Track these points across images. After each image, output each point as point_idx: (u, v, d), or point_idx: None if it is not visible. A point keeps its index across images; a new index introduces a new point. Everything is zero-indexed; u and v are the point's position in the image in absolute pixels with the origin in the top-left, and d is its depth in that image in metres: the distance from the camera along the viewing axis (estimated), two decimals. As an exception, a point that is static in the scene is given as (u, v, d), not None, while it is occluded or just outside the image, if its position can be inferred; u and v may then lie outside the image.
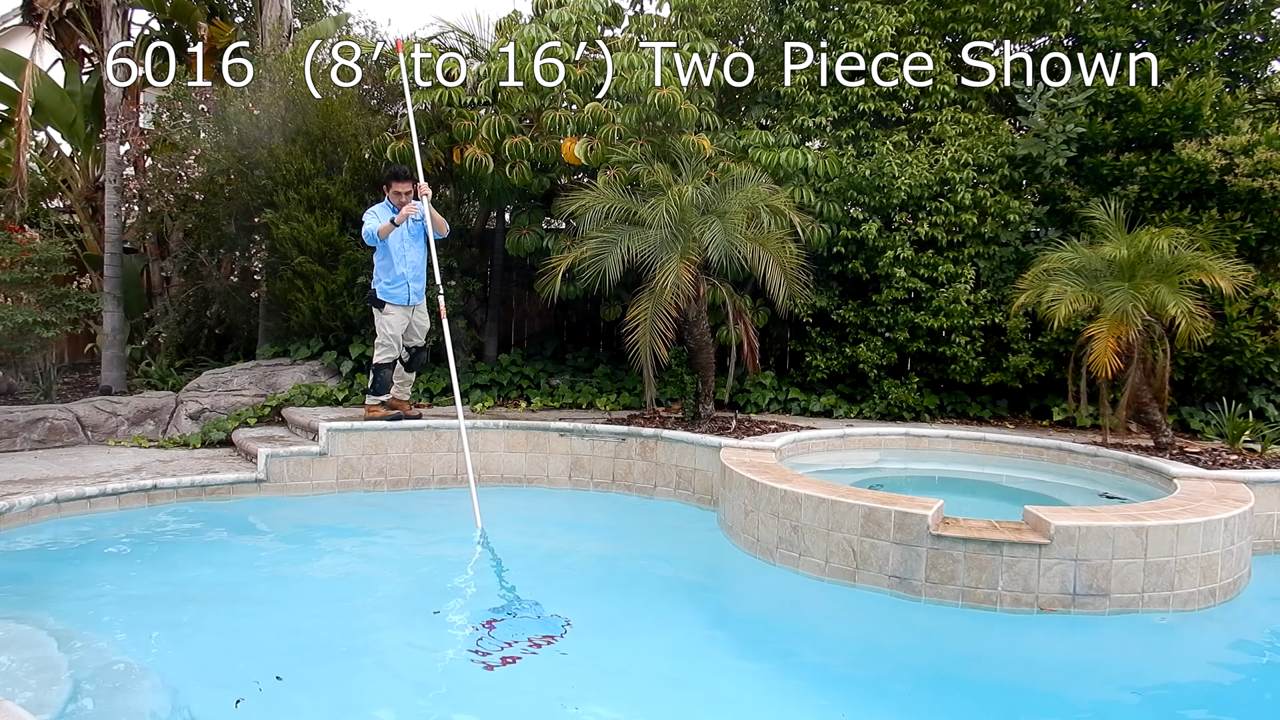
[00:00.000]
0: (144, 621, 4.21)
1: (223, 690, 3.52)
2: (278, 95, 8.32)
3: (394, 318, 6.92)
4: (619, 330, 7.54)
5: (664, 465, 6.76)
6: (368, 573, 5.14)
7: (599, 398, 8.25)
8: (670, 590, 4.99)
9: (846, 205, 7.98)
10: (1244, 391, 7.68)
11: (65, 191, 10.46)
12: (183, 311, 9.67)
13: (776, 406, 8.32)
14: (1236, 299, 7.01)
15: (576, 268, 6.84)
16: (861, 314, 8.19)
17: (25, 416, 7.17)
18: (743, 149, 7.97)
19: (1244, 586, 4.91)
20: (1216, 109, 7.63)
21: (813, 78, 8.28)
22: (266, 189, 8.30)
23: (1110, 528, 4.39)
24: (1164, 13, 7.93)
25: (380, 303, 6.92)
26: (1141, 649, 4.32)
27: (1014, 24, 8.06)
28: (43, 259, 8.15)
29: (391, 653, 4.05)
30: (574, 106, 7.85)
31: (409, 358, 7.14)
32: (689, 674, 3.85)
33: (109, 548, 5.23)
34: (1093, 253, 6.63)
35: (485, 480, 7.03)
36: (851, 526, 4.72)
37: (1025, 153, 7.83)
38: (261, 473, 6.43)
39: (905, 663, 4.15)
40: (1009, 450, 7.02)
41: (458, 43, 9.06)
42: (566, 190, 7.55)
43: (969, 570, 4.45)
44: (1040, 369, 7.88)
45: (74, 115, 9.82)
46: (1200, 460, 6.15)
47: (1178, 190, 7.63)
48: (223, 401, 7.96)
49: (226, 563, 5.14)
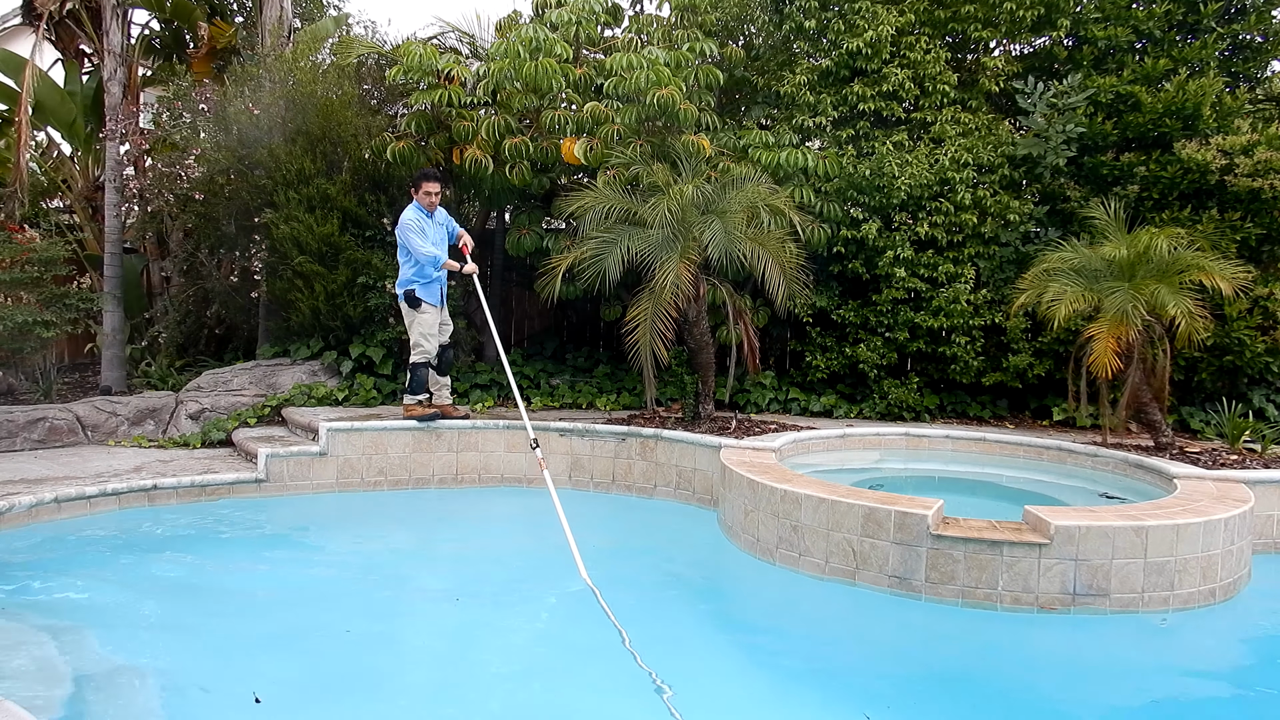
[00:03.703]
0: (144, 621, 4.21)
1: (223, 690, 3.52)
2: (278, 95, 8.32)
3: (430, 317, 6.91)
4: (619, 330, 7.54)
5: (664, 465, 6.76)
6: (368, 572, 5.14)
7: (599, 398, 8.25)
8: (670, 590, 4.99)
9: (846, 205, 7.98)
10: (1244, 391, 7.68)
11: (65, 191, 10.46)
12: (183, 311, 9.67)
13: (776, 406, 8.32)
14: (1236, 299, 7.00)
15: (576, 268, 6.85)
16: (861, 314, 8.19)
17: (25, 416, 7.17)
18: (743, 149, 7.97)
19: (1244, 586, 4.91)
20: (1216, 109, 7.63)
21: (812, 77, 8.28)
22: (266, 189, 8.30)
23: (1110, 528, 4.39)
24: (1164, 13, 7.93)
25: (418, 301, 6.88)
26: (1141, 649, 4.32)
27: (1014, 24, 8.06)
28: (43, 259, 8.15)
29: (393, 652, 4.05)
30: (573, 106, 7.86)
31: (438, 360, 7.07)
32: (688, 673, 3.84)
33: (109, 548, 5.22)
34: (1093, 253, 6.63)
35: (485, 480, 7.05)
36: (851, 526, 4.72)
37: (1025, 153, 7.83)
38: (261, 473, 6.43)
39: (905, 662, 4.15)
40: (1009, 450, 7.02)
41: (458, 43, 9.07)
42: (566, 190, 7.55)
43: (969, 570, 4.45)
44: (1040, 369, 7.88)
45: (74, 115, 9.83)
46: (1200, 460, 6.15)
47: (1178, 190, 7.63)
48: (223, 401, 7.96)
49: (227, 563, 5.14)
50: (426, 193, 6.86)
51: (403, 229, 6.82)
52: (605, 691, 3.66)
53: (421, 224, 6.83)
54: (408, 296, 6.93)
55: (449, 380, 7.28)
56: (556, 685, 3.75)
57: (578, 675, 3.84)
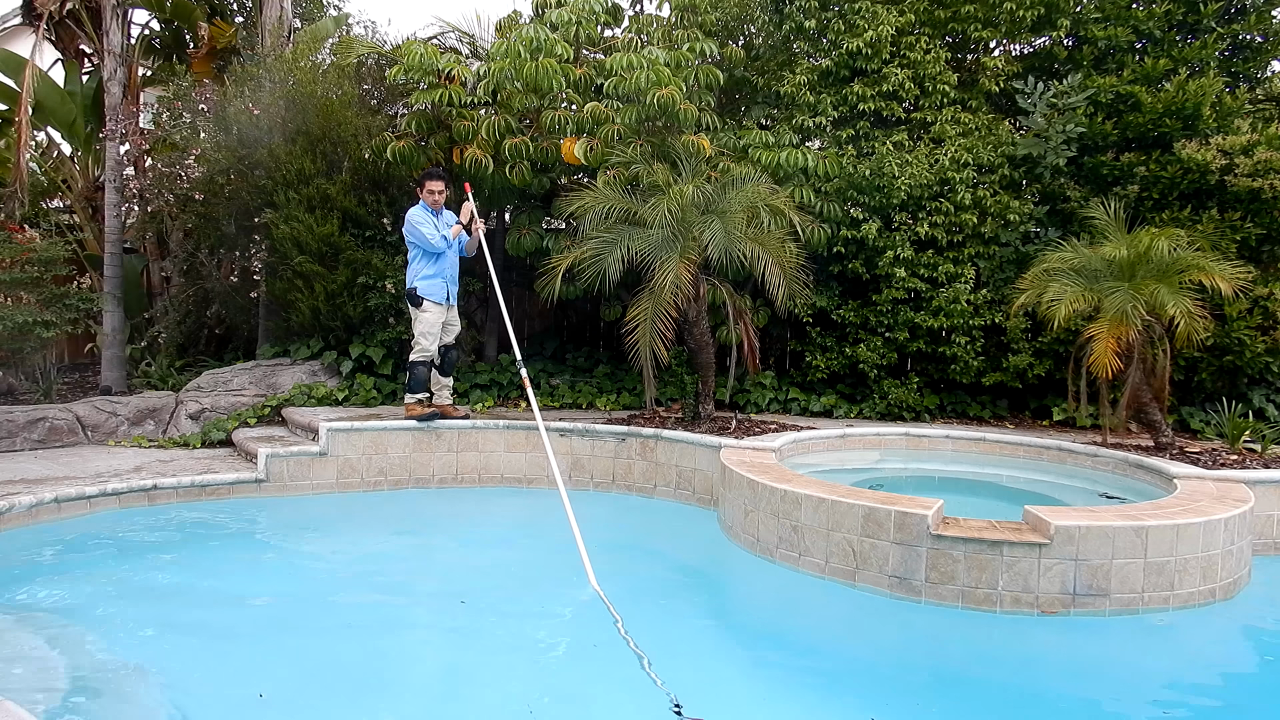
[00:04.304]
0: (144, 621, 4.21)
1: (222, 690, 3.52)
2: (278, 95, 8.32)
3: (432, 315, 6.93)
4: (619, 330, 7.54)
5: (664, 465, 6.76)
6: (368, 572, 5.14)
7: (599, 398, 8.25)
8: (670, 589, 4.99)
9: (846, 205, 7.98)
10: (1244, 391, 7.68)
11: (65, 191, 10.46)
12: (183, 311, 9.67)
13: (776, 406, 8.32)
14: (1236, 299, 7.00)
15: (576, 268, 6.85)
16: (861, 314, 8.19)
17: (25, 416, 7.17)
18: (743, 149, 7.97)
19: (1244, 586, 4.90)
20: (1216, 109, 7.63)
21: (812, 77, 8.28)
22: (266, 189, 8.30)
23: (1110, 528, 4.39)
24: (1164, 13, 7.93)
25: (419, 300, 6.91)
26: (1141, 649, 4.32)
27: (1014, 24, 8.06)
28: (43, 259, 8.15)
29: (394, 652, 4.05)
30: (574, 106, 7.85)
31: (440, 359, 7.10)
32: (687, 672, 3.84)
33: (109, 548, 5.22)
34: (1093, 253, 6.63)
35: (485, 480, 7.05)
36: (851, 526, 4.72)
37: (1025, 153, 7.83)
38: (261, 473, 6.43)
39: (905, 663, 4.14)
40: (1009, 450, 7.02)
41: (458, 43, 9.07)
42: (566, 190, 7.55)
43: (969, 570, 4.45)
44: (1040, 369, 7.88)
45: (74, 115, 9.83)
46: (1200, 460, 6.15)
47: (1178, 190, 7.63)
48: (223, 401, 7.96)
49: (226, 563, 5.14)
50: (430, 192, 6.91)
51: (409, 224, 6.86)
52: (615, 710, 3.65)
53: (428, 218, 6.88)
54: (410, 295, 6.97)
55: (451, 380, 7.28)
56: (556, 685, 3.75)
57: (582, 672, 3.83)
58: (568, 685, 3.74)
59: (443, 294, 6.98)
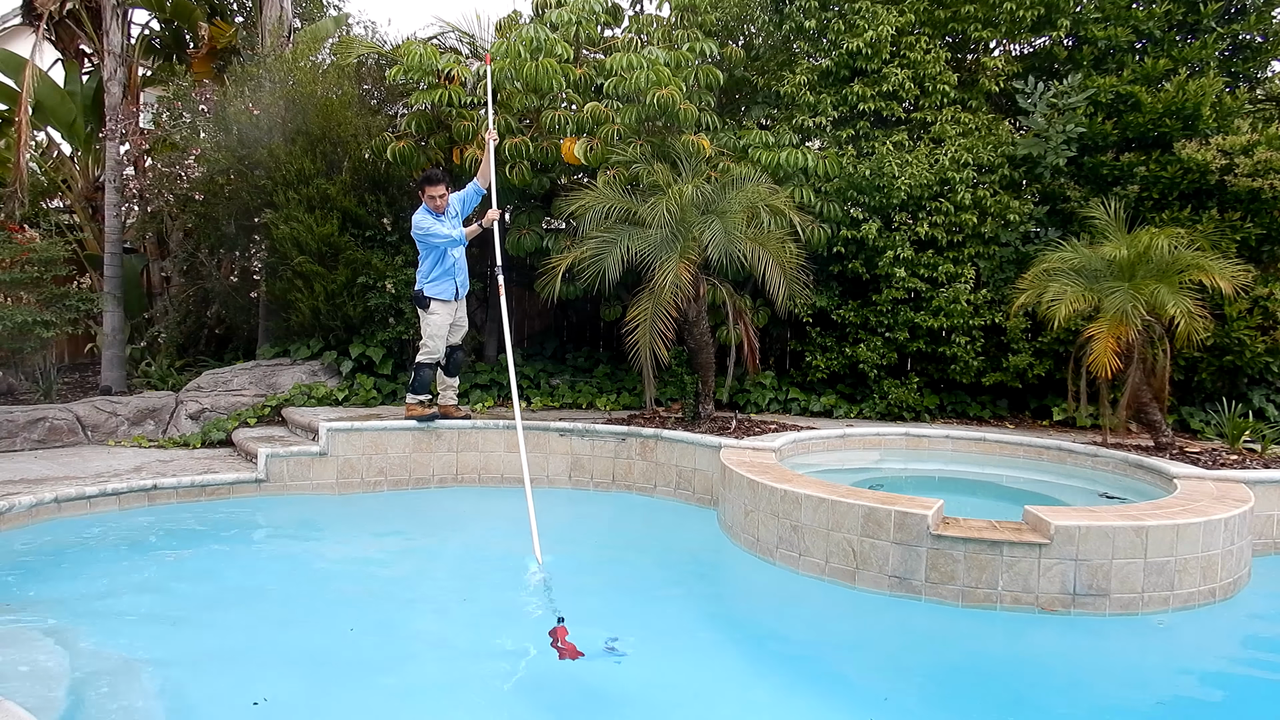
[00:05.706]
0: (144, 621, 4.21)
1: (223, 690, 3.52)
2: (278, 95, 8.32)
3: (439, 316, 6.89)
4: (619, 330, 7.54)
5: (664, 465, 6.76)
6: (368, 572, 5.14)
7: (599, 398, 8.25)
8: (670, 589, 4.99)
9: (846, 205, 7.98)
10: (1244, 391, 7.68)
11: (65, 191, 10.46)
12: (183, 311, 9.68)
13: (776, 406, 8.32)
14: (1236, 299, 7.01)
15: (576, 268, 6.84)
16: (861, 314, 8.19)
17: (25, 416, 7.17)
18: (743, 149, 7.97)
19: (1244, 586, 4.91)
20: (1216, 109, 7.63)
21: (812, 77, 8.28)
22: (266, 189, 8.30)
23: (1110, 528, 4.39)
24: (1164, 13, 7.93)
25: (426, 302, 6.87)
26: (1141, 649, 4.32)
27: (1014, 24, 8.06)
28: (43, 259, 8.15)
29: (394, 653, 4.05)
30: (574, 106, 7.86)
31: (446, 360, 7.06)
32: (686, 672, 3.85)
33: (109, 548, 5.22)
34: (1093, 253, 6.63)
35: (486, 480, 7.05)
36: (851, 526, 4.72)
37: (1025, 153, 7.83)
38: (261, 473, 6.44)
39: (905, 663, 4.14)
40: (1009, 450, 7.02)
41: (458, 43, 9.08)
42: (566, 190, 7.55)
43: (969, 570, 4.45)
44: (1040, 369, 7.88)
45: (74, 115, 9.83)
46: (1200, 460, 6.15)
47: (1178, 190, 7.63)
48: (223, 401, 7.96)
49: (226, 563, 5.14)
50: (430, 196, 6.83)
51: (416, 229, 6.78)
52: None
53: (433, 221, 6.80)
54: (416, 297, 6.95)
55: (456, 381, 7.26)
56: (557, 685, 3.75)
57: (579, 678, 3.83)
58: (568, 685, 3.74)
59: (450, 291, 6.91)
